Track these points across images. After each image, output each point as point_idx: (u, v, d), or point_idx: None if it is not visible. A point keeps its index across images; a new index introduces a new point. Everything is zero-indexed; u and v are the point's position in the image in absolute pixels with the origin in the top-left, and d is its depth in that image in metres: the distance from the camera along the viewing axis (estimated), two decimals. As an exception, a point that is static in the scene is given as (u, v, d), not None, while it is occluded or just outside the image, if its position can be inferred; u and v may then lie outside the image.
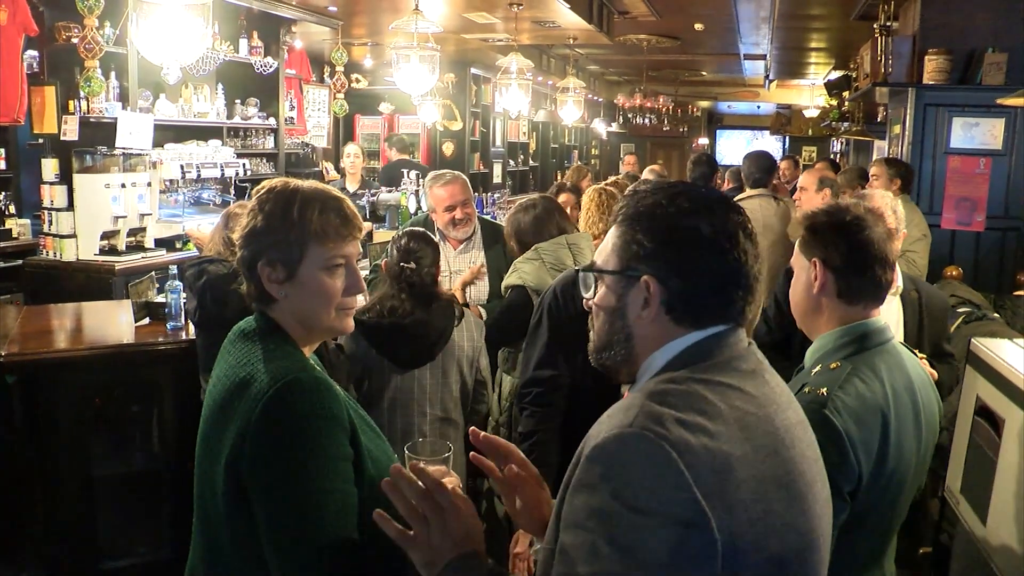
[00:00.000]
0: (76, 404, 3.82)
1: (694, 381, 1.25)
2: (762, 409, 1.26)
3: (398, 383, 3.25)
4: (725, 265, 1.30)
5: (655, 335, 1.33)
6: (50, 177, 6.24)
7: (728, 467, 1.17)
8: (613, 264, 1.36)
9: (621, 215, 1.37)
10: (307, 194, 1.74)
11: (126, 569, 3.97)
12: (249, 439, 1.57)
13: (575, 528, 1.17)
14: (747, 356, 1.32)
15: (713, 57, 13.34)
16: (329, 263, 1.72)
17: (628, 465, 1.16)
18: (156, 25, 3.83)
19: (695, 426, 1.18)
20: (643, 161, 22.08)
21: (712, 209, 1.32)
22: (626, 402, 1.25)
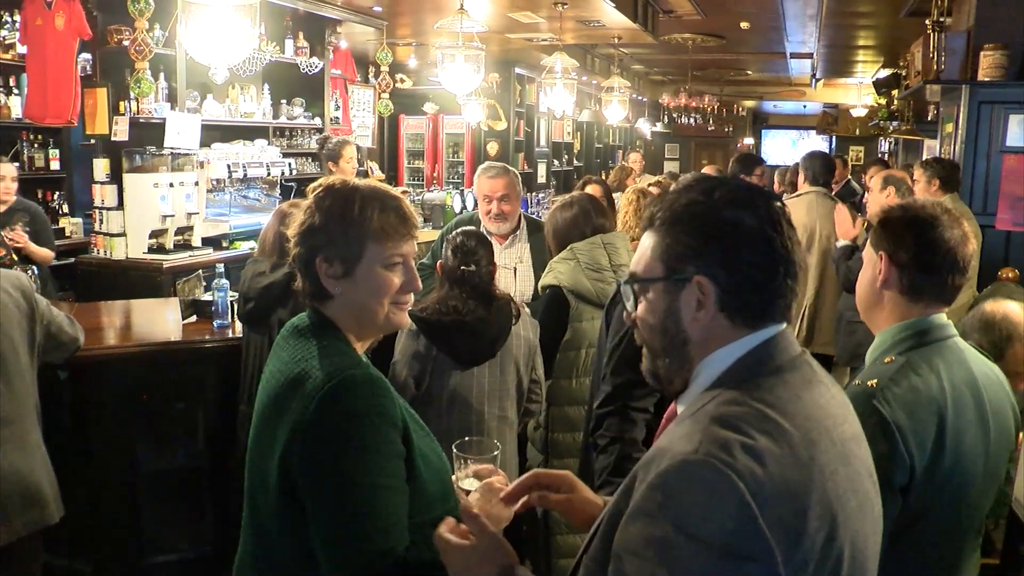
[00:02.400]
0: (123, 400, 3.88)
1: (755, 400, 1.22)
2: (821, 424, 1.23)
3: (457, 380, 3.24)
4: (774, 253, 1.27)
5: (711, 336, 1.30)
6: (101, 177, 6.35)
7: (795, 496, 1.14)
8: (658, 271, 1.32)
9: (658, 219, 1.32)
10: (366, 193, 1.76)
11: (169, 564, 4.02)
12: (302, 435, 1.58)
13: (632, 556, 1.15)
14: (801, 365, 1.30)
15: (759, 56, 13.20)
16: (387, 262, 1.74)
17: (692, 495, 1.12)
18: (204, 26, 3.87)
19: (762, 452, 1.15)
20: (686, 161, 22.07)
21: (750, 199, 1.29)
22: (688, 426, 1.22)
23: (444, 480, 1.76)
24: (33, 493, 2.81)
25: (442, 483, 1.75)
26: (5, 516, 2.72)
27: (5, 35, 6.78)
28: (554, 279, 3.60)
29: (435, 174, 12.33)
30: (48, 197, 7.31)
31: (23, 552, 2.83)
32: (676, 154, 22.36)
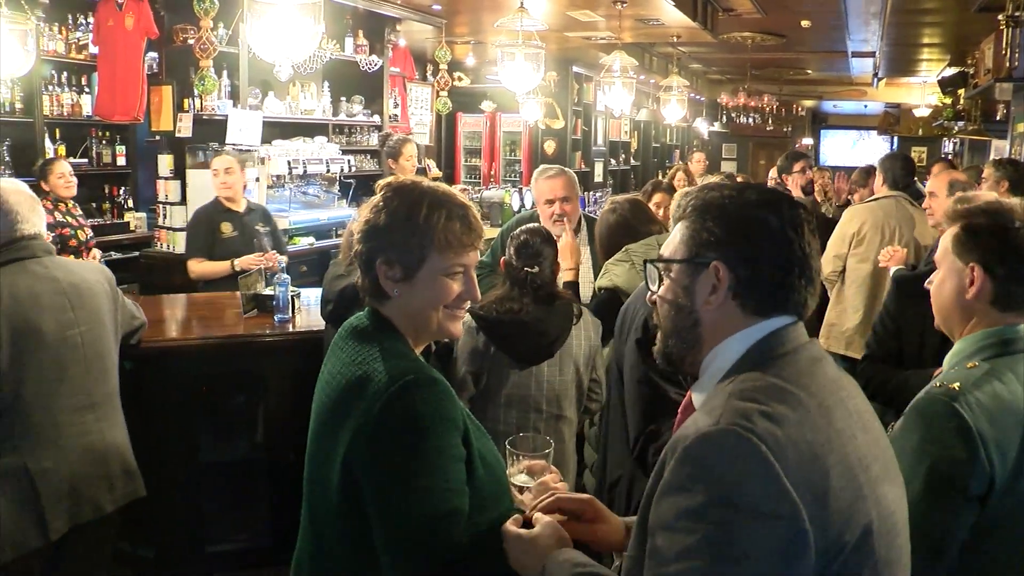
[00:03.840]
0: (184, 391, 3.95)
1: (769, 375, 1.28)
2: (835, 395, 1.29)
3: (516, 380, 3.24)
4: (792, 255, 1.34)
5: (722, 322, 1.37)
6: (165, 172, 6.50)
7: (816, 456, 1.19)
8: (682, 254, 1.41)
9: (689, 208, 1.41)
10: (434, 198, 1.73)
11: (228, 554, 4.09)
12: (366, 437, 1.59)
13: (664, 530, 1.19)
14: (811, 346, 1.36)
15: (819, 55, 13.00)
16: (449, 271, 1.72)
17: (717, 462, 1.17)
18: (269, 25, 3.92)
19: (780, 417, 1.20)
20: (744, 161, 21.83)
21: (778, 203, 1.38)
22: (708, 404, 1.28)
23: (500, 480, 1.76)
24: (129, 466, 3.02)
25: (498, 483, 1.75)
26: (110, 486, 2.92)
27: (79, 36, 6.96)
28: (609, 281, 3.58)
29: (492, 172, 12.36)
30: (114, 192, 7.50)
31: (109, 525, 3.00)
32: (734, 154, 22.12)
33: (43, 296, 2.76)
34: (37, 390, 2.73)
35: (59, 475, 2.76)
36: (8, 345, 2.66)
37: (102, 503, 2.89)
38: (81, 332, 2.84)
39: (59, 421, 2.78)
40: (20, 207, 2.80)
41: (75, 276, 2.90)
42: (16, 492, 2.69)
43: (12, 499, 2.68)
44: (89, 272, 3.00)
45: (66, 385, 2.80)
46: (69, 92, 6.97)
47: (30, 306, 2.72)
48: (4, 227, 2.77)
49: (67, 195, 5.69)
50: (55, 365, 2.77)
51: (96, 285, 2.95)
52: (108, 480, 2.91)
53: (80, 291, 2.87)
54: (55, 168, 5.69)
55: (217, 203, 5.26)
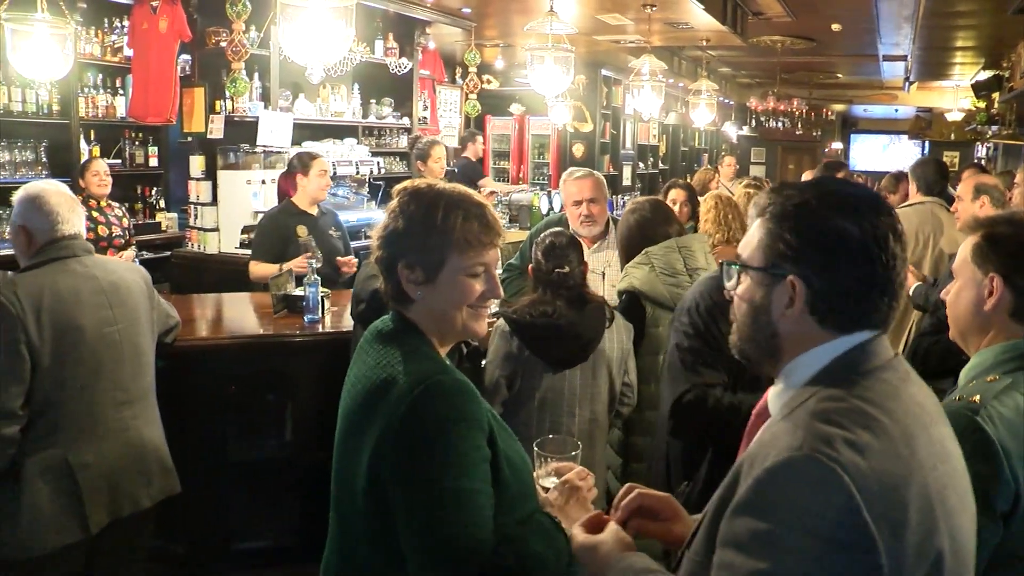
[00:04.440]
0: (214, 390, 3.99)
1: (854, 396, 1.24)
2: (919, 421, 1.25)
3: (549, 383, 3.23)
4: (873, 271, 1.28)
5: (800, 335, 1.33)
6: (196, 173, 6.57)
7: (896, 488, 1.16)
8: (758, 260, 1.36)
9: (769, 212, 1.35)
10: (451, 199, 1.75)
11: (255, 551, 4.13)
12: (391, 441, 1.60)
13: (737, 549, 1.18)
14: (896, 366, 1.31)
15: (849, 59, 12.92)
16: (469, 271, 1.73)
17: (799, 490, 1.15)
18: (301, 28, 3.95)
19: (864, 446, 1.17)
20: (772, 166, 21.70)
21: (862, 210, 1.29)
22: (789, 423, 1.24)
23: (526, 482, 1.77)
24: (166, 462, 3.08)
25: (524, 485, 1.75)
26: (148, 481, 2.98)
27: (114, 39, 7.06)
28: (629, 284, 3.57)
29: (520, 175, 12.37)
30: (147, 192, 7.59)
31: (146, 520, 3.06)
32: (762, 158, 22.00)
33: (83, 294, 2.82)
34: (77, 386, 2.79)
35: (99, 469, 2.82)
36: (50, 342, 2.71)
37: (140, 498, 2.95)
38: (119, 330, 2.91)
39: (98, 417, 2.84)
40: (61, 208, 2.86)
41: (114, 275, 2.96)
42: (58, 485, 2.74)
43: (54, 492, 2.74)
44: (127, 271, 3.06)
45: (105, 381, 2.86)
46: (104, 94, 7.07)
47: (71, 304, 2.78)
48: (46, 227, 2.84)
49: (99, 193, 5.78)
50: (94, 362, 2.83)
51: (133, 284, 3.02)
52: (146, 476, 2.97)
53: (118, 289, 2.93)
54: (91, 167, 5.81)
55: (290, 206, 5.12)
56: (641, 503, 1.63)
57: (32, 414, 2.71)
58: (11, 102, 6.33)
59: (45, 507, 2.72)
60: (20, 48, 4.88)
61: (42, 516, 2.72)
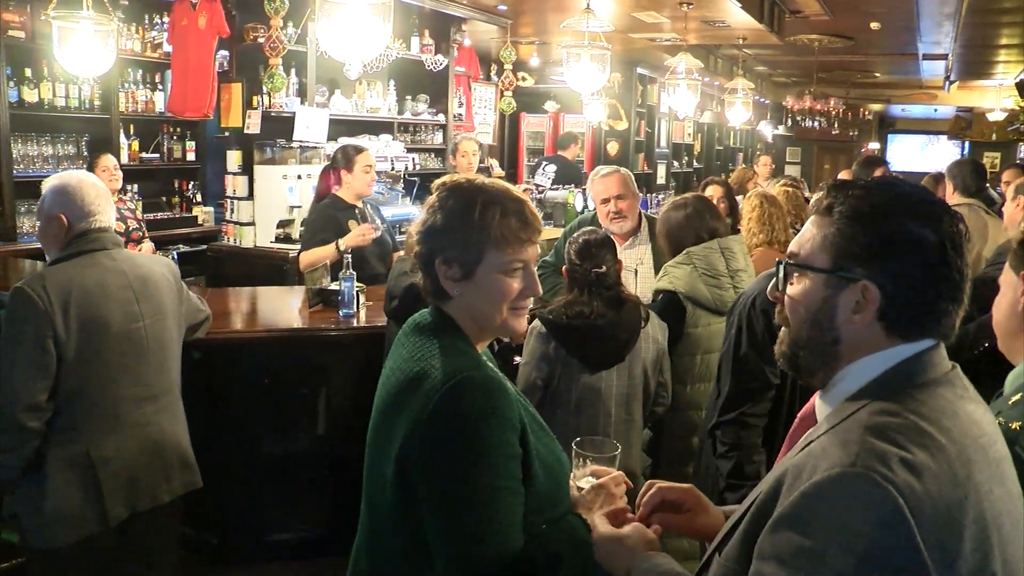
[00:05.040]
0: (249, 382, 4.03)
1: (911, 412, 1.19)
2: (976, 441, 1.20)
3: (586, 383, 3.22)
4: (948, 276, 1.24)
5: (863, 342, 1.28)
6: (233, 168, 6.63)
7: (951, 515, 1.12)
8: (823, 261, 1.29)
9: (837, 212, 1.28)
10: (489, 195, 1.73)
11: (288, 542, 4.16)
12: (420, 434, 1.59)
13: (778, 562, 1.14)
14: (955, 380, 1.26)
15: (888, 57, 12.76)
16: (507, 267, 1.71)
17: (849, 508, 1.10)
18: (340, 24, 3.98)
19: (920, 466, 1.12)
20: (808, 165, 21.51)
21: (939, 216, 1.25)
22: (839, 435, 1.19)
23: (561, 481, 1.75)
24: (187, 458, 3.09)
25: (558, 484, 1.74)
26: (167, 476, 3.00)
27: (154, 35, 7.15)
28: (669, 284, 3.55)
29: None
30: (184, 187, 7.68)
31: (173, 512, 3.09)
32: (798, 158, 21.81)
33: (111, 289, 2.83)
34: (101, 381, 2.81)
35: (119, 464, 2.84)
36: (76, 337, 2.73)
37: (159, 493, 2.97)
38: (145, 325, 2.92)
39: (120, 411, 2.86)
40: (99, 199, 2.88)
41: (142, 269, 2.97)
42: (78, 478, 2.77)
43: (74, 485, 2.77)
44: (155, 265, 3.07)
45: (128, 376, 2.87)
46: (143, 89, 7.16)
47: (99, 299, 2.79)
48: (78, 219, 2.84)
49: (110, 188, 5.74)
50: (119, 357, 2.84)
51: (161, 279, 3.02)
52: (165, 471, 2.99)
53: (146, 284, 2.94)
54: (100, 162, 5.72)
55: (337, 200, 5.00)
56: (663, 497, 1.62)
57: (55, 407, 2.73)
58: (55, 97, 6.45)
59: (65, 499, 2.76)
60: (66, 45, 4.96)
61: (62, 508, 2.75)
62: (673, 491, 1.63)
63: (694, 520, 1.62)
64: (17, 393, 2.67)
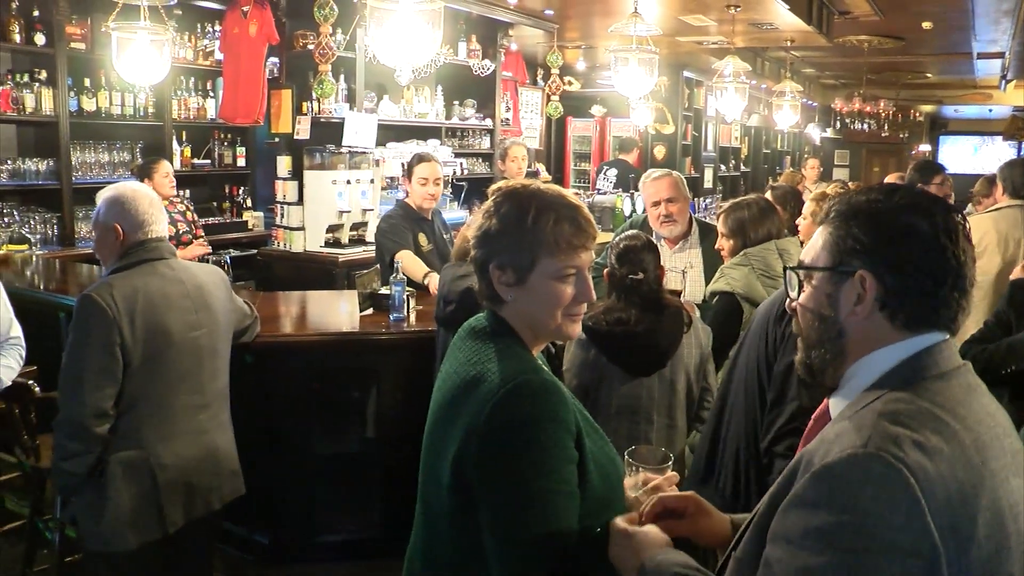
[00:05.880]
0: (300, 385, 4.07)
1: (924, 400, 1.20)
2: (991, 431, 1.21)
3: (627, 390, 3.20)
4: (944, 263, 1.26)
5: (868, 334, 1.30)
6: (283, 173, 6.72)
7: (965, 498, 1.11)
8: (824, 261, 1.34)
9: (834, 212, 1.35)
10: (543, 201, 1.73)
11: (338, 544, 4.19)
12: (476, 438, 1.59)
13: (788, 544, 1.14)
14: (964, 374, 1.28)
15: (940, 57, 12.55)
16: (560, 274, 1.71)
17: (861, 488, 1.10)
18: (390, 30, 4.01)
19: (933, 449, 1.12)
20: (857, 168, 21.23)
21: (930, 208, 1.29)
22: (854, 422, 1.20)
23: (615, 485, 1.75)
24: (235, 465, 3.15)
25: (612, 488, 1.73)
26: (219, 483, 3.06)
27: (206, 44, 7.28)
28: (726, 285, 3.52)
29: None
30: (234, 192, 7.80)
31: (216, 519, 3.15)
32: (846, 160, 21.54)
33: (172, 298, 2.89)
34: (161, 388, 2.87)
35: (176, 471, 2.89)
36: (141, 345, 2.78)
37: (212, 499, 3.03)
38: (203, 334, 2.97)
39: (178, 419, 2.92)
40: (152, 209, 2.93)
41: (198, 278, 3.02)
42: (139, 485, 2.83)
43: (134, 490, 2.82)
44: (208, 275, 3.12)
45: (186, 384, 2.93)
46: (195, 96, 7.29)
47: (162, 308, 2.85)
48: (133, 229, 2.89)
49: (169, 194, 5.82)
50: (179, 365, 2.90)
51: (215, 288, 3.08)
52: (218, 477, 3.05)
53: (203, 293, 3.00)
54: (160, 168, 5.78)
55: (408, 209, 4.93)
56: (664, 505, 1.62)
57: (118, 414, 2.79)
58: (111, 106, 6.61)
59: (125, 505, 2.81)
60: (124, 55, 5.10)
61: (122, 513, 2.81)
62: (673, 500, 1.64)
63: (697, 524, 1.63)
64: (86, 399, 2.72)
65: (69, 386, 2.76)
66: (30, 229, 6.02)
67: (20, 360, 3.50)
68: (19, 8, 6.03)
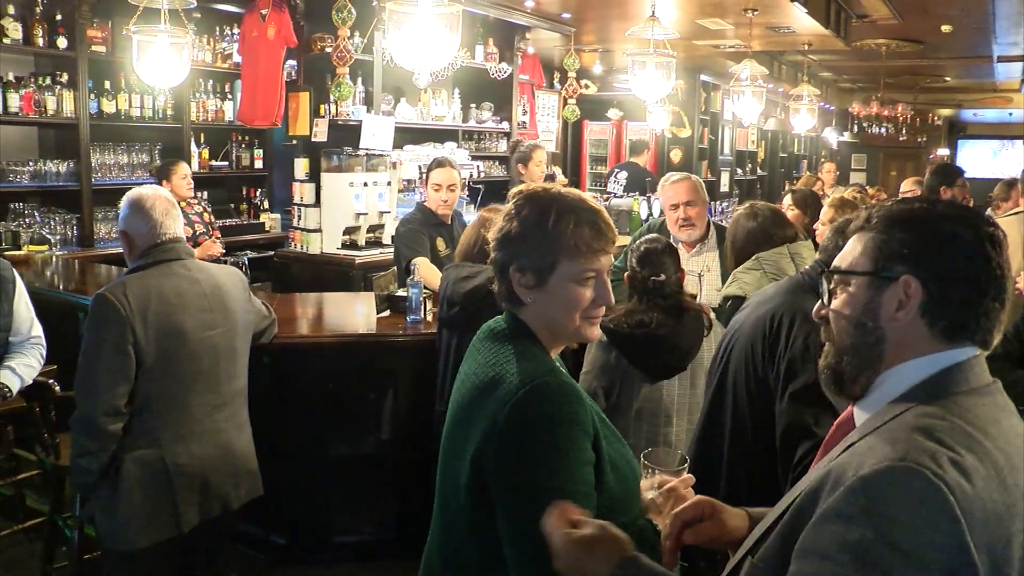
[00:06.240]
0: (317, 387, 4.09)
1: (956, 416, 1.18)
2: (1020, 452, 1.19)
3: (647, 393, 3.21)
4: (988, 273, 1.25)
5: (906, 342, 1.28)
6: (300, 175, 6.75)
7: (1001, 519, 1.10)
8: (864, 266, 1.31)
9: (876, 219, 1.32)
10: (564, 204, 1.74)
11: (353, 544, 4.22)
12: (495, 439, 1.61)
13: (822, 559, 1.11)
14: (996, 393, 1.26)
15: (960, 61, 12.47)
16: (579, 277, 1.72)
17: (898, 501, 1.08)
18: (408, 34, 4.03)
19: (970, 469, 1.10)
20: (874, 172, 21.11)
21: (974, 219, 1.28)
22: (886, 434, 1.18)
23: (631, 487, 1.76)
24: (252, 465, 3.15)
25: (628, 490, 1.74)
26: (236, 483, 3.07)
27: (224, 47, 7.34)
28: (739, 289, 3.51)
29: (617, 180, 12.36)
30: (251, 194, 7.84)
31: (232, 520, 3.18)
32: (863, 165, 21.44)
33: (187, 297, 2.91)
34: (176, 387, 2.88)
35: (192, 470, 2.91)
36: (154, 343, 2.81)
37: (229, 500, 3.04)
38: (218, 334, 2.99)
39: (194, 418, 2.93)
40: (155, 212, 2.94)
41: (216, 279, 3.04)
42: (152, 483, 2.85)
43: (149, 489, 2.84)
44: (226, 275, 3.14)
45: (202, 384, 2.95)
46: (213, 99, 7.34)
47: (176, 307, 2.87)
48: (144, 232, 2.92)
49: (187, 195, 5.87)
50: (194, 364, 2.91)
51: (233, 288, 3.10)
52: (235, 478, 3.06)
53: (219, 293, 3.02)
54: (179, 169, 5.83)
55: (427, 213, 4.87)
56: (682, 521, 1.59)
57: (132, 412, 2.81)
58: (131, 108, 6.66)
59: (140, 503, 2.83)
60: (145, 58, 5.15)
61: (137, 512, 2.83)
62: (688, 512, 1.61)
63: (719, 524, 1.58)
64: (98, 397, 2.75)
65: (83, 384, 2.80)
66: (50, 230, 6.07)
67: (41, 359, 3.54)
68: (43, 13, 6.09)
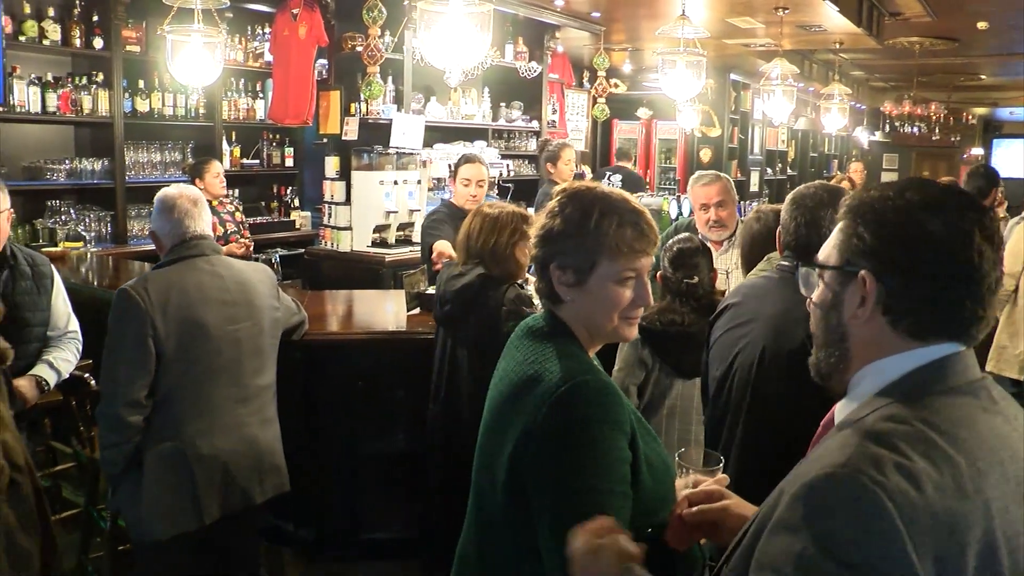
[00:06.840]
0: (347, 384, 4.12)
1: (919, 420, 1.13)
2: (994, 455, 1.13)
3: (679, 391, 3.22)
4: (954, 267, 1.18)
5: (872, 339, 1.24)
6: (331, 174, 6.80)
7: (955, 528, 1.05)
8: (834, 259, 1.28)
9: (844, 208, 1.29)
10: (607, 204, 1.74)
11: (381, 541, 4.24)
12: (534, 437, 1.61)
13: (771, 571, 1.09)
14: (979, 391, 1.20)
15: (995, 58, 12.29)
16: (619, 277, 1.72)
17: (835, 510, 1.06)
18: (440, 33, 4.05)
19: (919, 475, 1.06)
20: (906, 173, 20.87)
21: (945, 205, 1.20)
22: (840, 439, 1.15)
23: (667, 486, 1.75)
24: (278, 461, 3.18)
25: (664, 489, 1.74)
26: (260, 478, 3.09)
27: (256, 46, 7.40)
28: None
29: (647, 179, 12.31)
30: (282, 192, 7.91)
31: (258, 517, 3.24)
32: (895, 164, 21.21)
33: (209, 292, 2.95)
34: (198, 380, 2.92)
35: (214, 463, 2.94)
36: (175, 337, 2.85)
37: (252, 495, 3.06)
38: (242, 328, 3.02)
39: (216, 412, 2.96)
40: (178, 210, 2.99)
41: (241, 275, 3.08)
42: (174, 475, 2.88)
43: (170, 481, 2.88)
44: (253, 271, 3.17)
45: (225, 378, 2.98)
46: (245, 98, 7.41)
47: (197, 301, 2.91)
48: (168, 230, 2.99)
49: (220, 193, 5.90)
50: (216, 358, 2.95)
51: (259, 284, 3.13)
52: (258, 472, 3.08)
53: (244, 289, 3.05)
54: (212, 168, 5.85)
55: (453, 208, 4.87)
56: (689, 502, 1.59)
57: (154, 405, 2.86)
58: (164, 107, 6.74)
59: (162, 495, 2.87)
60: (178, 57, 5.22)
61: (158, 504, 2.87)
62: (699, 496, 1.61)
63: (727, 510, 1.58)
64: (119, 389, 2.81)
65: (106, 377, 2.86)
66: (85, 227, 6.16)
67: (77, 353, 3.60)
68: (80, 14, 6.18)
